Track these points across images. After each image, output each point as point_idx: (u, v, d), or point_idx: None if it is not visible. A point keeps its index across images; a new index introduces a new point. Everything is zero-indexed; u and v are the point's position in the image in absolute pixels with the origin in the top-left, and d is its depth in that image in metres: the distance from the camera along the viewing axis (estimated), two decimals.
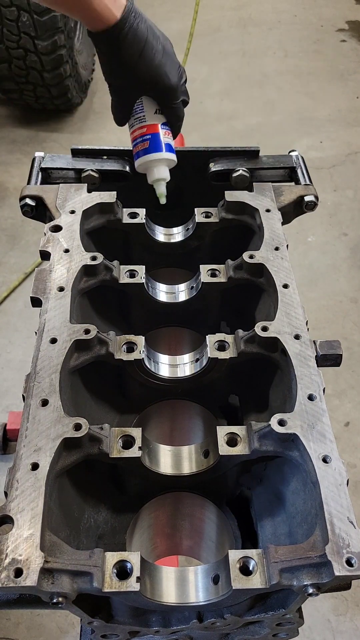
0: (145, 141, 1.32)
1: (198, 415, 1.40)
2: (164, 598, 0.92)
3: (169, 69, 1.25)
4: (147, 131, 1.32)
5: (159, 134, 1.32)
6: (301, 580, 0.87)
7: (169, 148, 1.34)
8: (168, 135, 1.35)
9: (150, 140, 1.31)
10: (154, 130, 1.32)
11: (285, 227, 1.40)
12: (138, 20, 1.18)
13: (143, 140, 1.32)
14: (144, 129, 1.32)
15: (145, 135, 1.32)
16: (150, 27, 1.22)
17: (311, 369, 1.09)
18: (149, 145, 1.32)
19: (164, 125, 1.34)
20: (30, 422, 1.00)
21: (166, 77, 1.25)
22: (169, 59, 1.25)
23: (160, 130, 1.33)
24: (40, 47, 3.98)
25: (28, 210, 1.43)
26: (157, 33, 1.23)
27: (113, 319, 1.44)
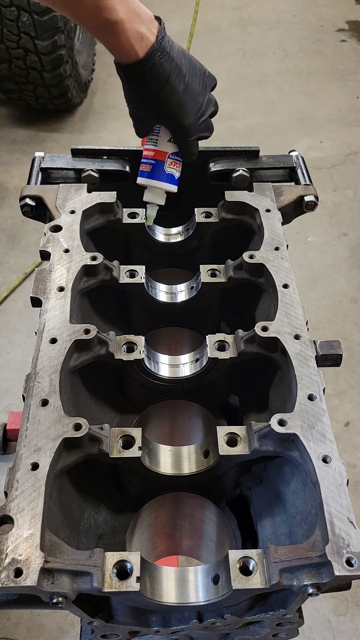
0: (149, 165, 1.33)
1: (198, 415, 1.40)
2: (164, 598, 0.92)
3: (187, 109, 1.24)
4: (154, 156, 1.33)
5: (164, 163, 1.33)
6: (301, 580, 0.87)
7: (170, 179, 1.34)
8: (174, 165, 1.34)
9: (154, 166, 1.33)
10: (160, 157, 1.33)
11: (285, 227, 1.40)
12: (162, 60, 1.17)
13: (148, 162, 1.34)
14: (152, 152, 1.33)
15: (151, 159, 1.33)
16: (177, 65, 1.19)
17: (311, 369, 1.09)
18: (151, 170, 1.33)
19: (174, 155, 1.34)
20: (30, 422, 1.00)
21: (181, 117, 1.24)
22: (190, 98, 1.23)
23: (167, 160, 1.33)
24: (40, 47, 3.98)
25: (28, 210, 1.43)
26: (183, 71, 1.21)
27: (113, 319, 1.44)
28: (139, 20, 1.13)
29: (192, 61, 1.26)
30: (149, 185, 1.35)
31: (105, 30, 1.13)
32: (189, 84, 1.22)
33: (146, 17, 1.15)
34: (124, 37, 1.13)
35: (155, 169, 1.33)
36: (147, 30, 1.15)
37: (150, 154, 1.33)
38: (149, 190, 1.36)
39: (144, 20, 1.15)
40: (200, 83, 1.26)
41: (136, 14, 1.13)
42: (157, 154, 1.32)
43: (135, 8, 1.13)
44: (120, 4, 1.10)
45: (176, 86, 1.20)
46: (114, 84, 5.07)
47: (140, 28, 1.14)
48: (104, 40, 1.15)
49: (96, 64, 4.98)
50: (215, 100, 1.33)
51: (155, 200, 1.37)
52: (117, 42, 1.14)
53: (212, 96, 1.32)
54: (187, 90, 1.22)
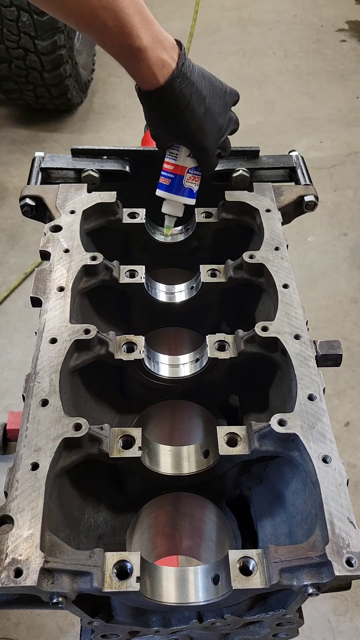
0: (169, 179, 1.34)
1: (198, 415, 1.40)
2: (164, 598, 0.92)
3: (207, 131, 1.24)
4: (173, 170, 1.34)
5: (183, 177, 1.34)
6: (301, 580, 0.87)
7: (189, 193, 1.36)
8: (193, 180, 1.35)
9: (173, 180, 1.34)
10: (180, 172, 1.33)
11: (285, 227, 1.40)
12: (183, 86, 1.17)
13: (168, 176, 1.35)
14: (172, 167, 1.34)
15: (171, 173, 1.34)
16: (197, 89, 1.20)
17: (311, 369, 1.09)
18: (170, 184, 1.34)
19: (194, 169, 1.34)
20: (30, 422, 1.00)
21: (201, 140, 1.25)
22: (210, 121, 1.24)
23: (186, 174, 1.34)
24: (40, 47, 3.98)
25: (28, 210, 1.43)
26: (203, 94, 1.21)
27: (113, 319, 1.44)
28: (161, 47, 1.13)
29: (213, 82, 1.25)
30: (167, 198, 1.36)
31: (129, 57, 1.13)
32: (209, 107, 1.23)
33: (168, 44, 1.15)
34: (146, 64, 1.13)
35: (174, 183, 1.34)
36: (168, 57, 1.15)
37: (170, 167, 1.34)
38: (168, 203, 1.37)
39: (166, 47, 1.15)
40: (221, 103, 1.26)
41: (159, 41, 1.13)
42: (177, 169, 1.33)
43: (159, 35, 1.14)
44: (145, 31, 1.10)
45: (196, 110, 1.20)
46: (114, 84, 5.08)
47: (162, 55, 1.14)
48: (126, 65, 1.16)
49: (96, 64, 4.98)
50: (237, 117, 1.33)
51: (173, 212, 1.38)
52: (139, 69, 1.14)
53: (233, 113, 1.32)
54: (207, 112, 1.23)
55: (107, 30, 1.09)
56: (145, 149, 1.55)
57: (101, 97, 5.02)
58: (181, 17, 5.71)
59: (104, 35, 1.11)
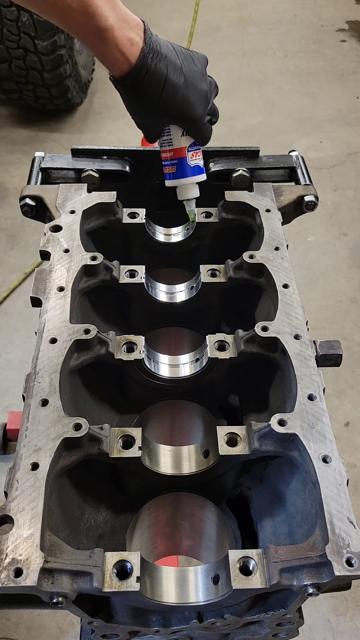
0: (173, 166, 1.34)
1: (198, 415, 1.40)
2: (164, 598, 0.92)
3: (193, 100, 1.22)
4: (174, 155, 1.33)
5: (186, 158, 1.33)
6: (301, 580, 0.87)
7: (197, 170, 1.35)
8: (196, 156, 1.35)
9: (177, 165, 1.33)
10: (180, 154, 1.33)
11: (285, 227, 1.40)
12: (156, 61, 1.15)
13: (171, 164, 1.34)
14: (171, 153, 1.33)
15: (173, 159, 1.33)
16: (171, 61, 1.17)
17: (311, 369, 1.09)
18: (177, 170, 1.34)
19: (192, 145, 1.33)
20: (30, 422, 1.00)
21: (190, 109, 1.23)
22: (193, 89, 1.21)
23: (187, 153, 1.33)
24: (40, 47, 3.98)
25: (28, 210, 1.43)
26: (178, 64, 1.18)
27: (113, 319, 1.44)
28: (127, 26, 1.12)
29: (182, 51, 1.23)
30: (179, 184, 1.36)
31: (96, 38, 1.11)
32: (188, 76, 1.20)
33: (133, 22, 1.14)
34: (114, 44, 1.11)
35: (180, 167, 1.33)
36: (135, 35, 1.13)
37: (169, 155, 1.34)
38: (182, 189, 1.36)
39: (132, 26, 1.13)
40: (197, 69, 1.24)
41: (124, 20, 1.12)
42: (176, 152, 1.33)
43: (123, 14, 1.12)
44: (109, 10, 1.08)
45: (176, 82, 1.18)
46: None
47: (129, 34, 1.12)
48: (95, 49, 1.13)
49: (96, 64, 4.98)
50: (215, 81, 1.30)
51: (190, 195, 1.37)
52: (108, 51, 1.12)
53: (212, 78, 1.29)
54: (188, 82, 1.20)
55: (70, 12, 1.06)
56: (145, 149, 1.55)
57: (101, 97, 5.02)
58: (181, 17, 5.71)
59: (69, 17, 1.08)
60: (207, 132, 1.32)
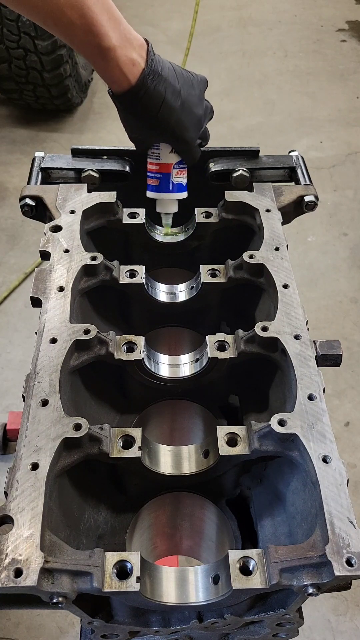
0: (157, 179, 1.36)
1: (198, 415, 1.40)
2: (164, 598, 0.92)
3: (187, 124, 1.24)
4: (159, 170, 1.35)
5: (170, 175, 1.35)
6: (301, 580, 0.87)
7: (179, 188, 1.38)
8: (180, 174, 1.37)
9: (161, 179, 1.36)
10: (166, 170, 1.35)
11: (285, 227, 1.40)
12: (155, 83, 1.16)
13: (155, 177, 1.36)
14: (157, 167, 1.35)
15: (158, 173, 1.36)
16: (170, 83, 1.19)
17: (311, 369, 1.09)
18: (159, 184, 1.36)
19: (179, 164, 1.36)
20: (30, 422, 1.00)
21: (183, 132, 1.25)
22: (188, 113, 1.24)
23: (173, 170, 1.35)
24: (40, 47, 3.98)
25: (28, 210, 1.43)
26: (177, 87, 1.20)
27: (113, 319, 1.44)
28: (130, 46, 1.13)
29: (183, 74, 1.24)
30: (159, 198, 1.38)
31: (98, 56, 1.12)
32: (185, 100, 1.22)
33: (137, 43, 1.15)
34: (115, 64, 1.12)
35: (163, 182, 1.36)
36: (138, 56, 1.14)
37: (155, 168, 1.36)
38: (161, 202, 1.39)
39: (135, 46, 1.14)
40: (196, 93, 1.26)
41: (127, 40, 1.13)
42: (162, 167, 1.35)
43: (127, 34, 1.13)
44: (113, 30, 1.10)
45: (173, 105, 1.20)
46: None
47: (131, 54, 1.13)
48: (96, 66, 1.15)
49: None
50: (211, 106, 1.34)
51: (168, 209, 1.40)
52: (108, 69, 1.13)
53: (208, 102, 1.33)
54: (184, 106, 1.22)
55: (74, 29, 1.08)
56: None
57: (101, 97, 5.02)
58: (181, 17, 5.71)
59: (72, 34, 1.09)
60: (196, 153, 1.35)
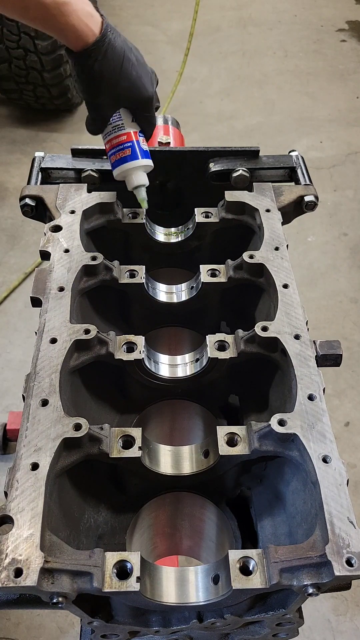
0: (126, 149, 1.32)
1: (198, 415, 1.40)
2: (164, 598, 0.92)
3: (145, 80, 1.24)
4: (126, 139, 1.32)
5: (138, 141, 1.33)
6: (301, 580, 0.87)
7: (146, 154, 1.35)
8: (144, 142, 1.35)
9: (131, 148, 1.32)
10: (134, 138, 1.32)
11: (285, 227, 1.40)
12: (115, 35, 1.16)
13: (123, 148, 1.32)
14: (123, 137, 1.32)
15: (126, 143, 1.32)
16: (125, 39, 1.20)
17: (311, 369, 1.09)
18: (131, 152, 1.32)
19: (140, 133, 1.34)
20: (30, 422, 1.00)
21: (143, 89, 1.24)
22: (144, 69, 1.24)
23: (139, 137, 1.33)
24: (40, 47, 3.98)
25: (28, 210, 1.43)
26: (129, 44, 1.21)
27: (113, 319, 1.44)
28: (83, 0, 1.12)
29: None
30: (131, 169, 1.33)
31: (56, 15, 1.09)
32: (137, 55, 1.23)
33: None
34: (76, 16, 1.10)
35: (133, 150, 1.32)
36: (92, 10, 1.14)
37: (122, 139, 1.32)
38: (132, 175, 1.34)
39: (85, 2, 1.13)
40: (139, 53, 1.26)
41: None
42: (129, 136, 1.31)
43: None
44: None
45: (132, 59, 1.20)
46: None
47: (87, 7, 1.12)
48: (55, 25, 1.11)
49: None
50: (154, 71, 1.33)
51: (141, 182, 1.35)
52: (70, 24, 1.10)
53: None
54: (139, 62, 1.23)
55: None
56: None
57: None
58: (181, 17, 5.71)
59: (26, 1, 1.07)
60: (153, 118, 1.32)
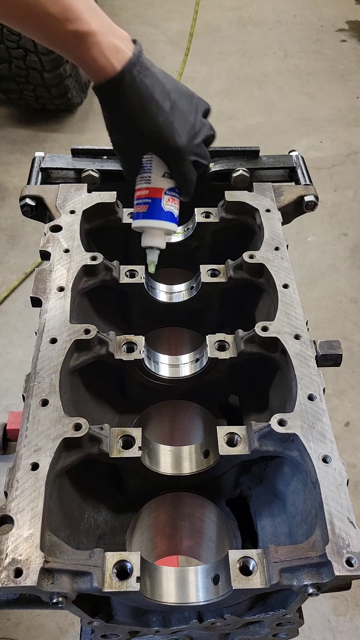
0: (145, 205, 1.18)
1: (198, 415, 1.40)
2: (164, 598, 0.92)
3: (177, 127, 1.10)
4: (148, 194, 1.18)
5: (161, 200, 1.18)
6: (301, 580, 0.87)
7: (170, 217, 1.19)
8: (172, 202, 1.19)
9: (150, 205, 1.18)
10: (156, 195, 1.18)
11: (285, 227, 1.40)
12: (143, 75, 1.06)
13: (143, 202, 1.19)
14: (144, 191, 1.18)
15: (146, 198, 1.18)
16: (160, 81, 1.09)
17: (311, 369, 1.09)
18: (147, 210, 1.18)
19: (171, 190, 1.18)
20: (30, 422, 1.00)
21: (172, 136, 1.10)
22: (179, 116, 1.11)
23: (164, 196, 1.18)
24: (40, 47, 3.97)
25: (28, 210, 1.43)
26: (167, 88, 1.09)
27: (113, 319, 1.44)
28: (113, 34, 1.04)
29: (177, 83, 1.14)
30: (146, 227, 1.19)
31: (77, 44, 1.03)
32: (175, 102, 1.10)
33: (121, 34, 1.06)
34: (98, 49, 1.03)
35: (152, 208, 1.17)
36: (122, 45, 1.05)
37: (144, 193, 1.18)
38: (147, 234, 1.20)
39: (119, 36, 1.05)
40: (189, 103, 1.14)
41: (110, 28, 1.05)
42: (152, 192, 1.17)
43: (109, 24, 1.05)
44: (93, 17, 1.02)
45: (162, 103, 1.08)
46: None
47: (115, 41, 1.04)
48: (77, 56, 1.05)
49: None
50: (211, 125, 1.20)
51: (155, 243, 1.21)
52: (90, 56, 1.04)
53: (206, 120, 1.19)
54: (174, 108, 1.10)
55: (49, 18, 0.99)
56: None
57: None
58: (181, 17, 5.71)
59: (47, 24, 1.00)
60: (190, 174, 1.16)
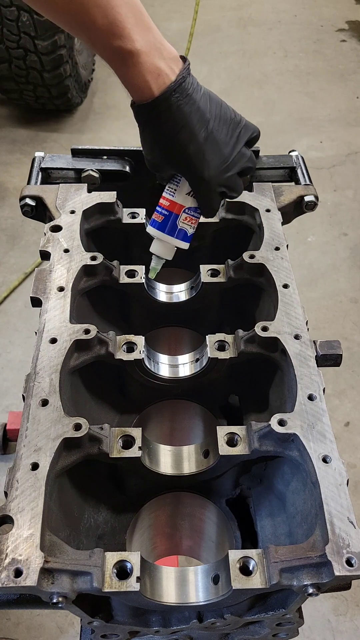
0: (162, 216, 1.19)
1: (198, 415, 1.40)
2: (164, 598, 0.92)
3: (208, 159, 1.08)
4: (168, 207, 1.19)
5: (178, 217, 1.18)
6: (301, 580, 0.87)
7: (182, 235, 1.20)
8: (189, 221, 1.20)
9: (166, 218, 1.19)
10: (175, 210, 1.18)
11: (285, 227, 1.40)
12: (181, 102, 1.03)
13: (161, 212, 1.20)
14: (167, 203, 1.19)
15: (165, 210, 1.19)
16: (200, 109, 1.06)
17: (311, 369, 1.09)
18: (162, 222, 1.19)
19: (192, 210, 1.19)
20: (30, 422, 1.00)
21: (200, 168, 1.09)
22: (212, 148, 1.08)
23: (182, 214, 1.18)
24: (40, 47, 3.97)
25: (28, 210, 1.43)
26: (206, 117, 1.07)
27: (113, 319, 1.44)
28: (158, 55, 1.01)
29: (223, 108, 1.11)
30: (158, 237, 1.21)
31: (119, 61, 1.02)
32: (212, 132, 1.08)
33: (168, 54, 1.03)
34: (138, 71, 1.01)
35: (167, 222, 1.19)
36: (166, 67, 1.02)
37: (165, 203, 1.19)
38: (157, 242, 1.22)
39: (165, 57, 1.02)
40: (230, 133, 1.11)
41: (156, 48, 1.01)
42: (172, 206, 1.18)
43: (157, 43, 1.02)
44: (140, 34, 0.99)
45: (196, 132, 1.06)
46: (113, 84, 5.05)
47: (158, 63, 1.01)
48: (118, 72, 1.04)
49: (96, 64, 4.98)
50: (252, 155, 1.17)
51: (162, 254, 1.23)
52: (130, 76, 1.03)
53: (248, 151, 1.16)
54: (210, 138, 1.08)
55: (95, 30, 0.98)
56: None
57: (101, 97, 5.02)
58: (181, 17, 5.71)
59: (93, 35, 1.00)
60: (214, 202, 1.16)
